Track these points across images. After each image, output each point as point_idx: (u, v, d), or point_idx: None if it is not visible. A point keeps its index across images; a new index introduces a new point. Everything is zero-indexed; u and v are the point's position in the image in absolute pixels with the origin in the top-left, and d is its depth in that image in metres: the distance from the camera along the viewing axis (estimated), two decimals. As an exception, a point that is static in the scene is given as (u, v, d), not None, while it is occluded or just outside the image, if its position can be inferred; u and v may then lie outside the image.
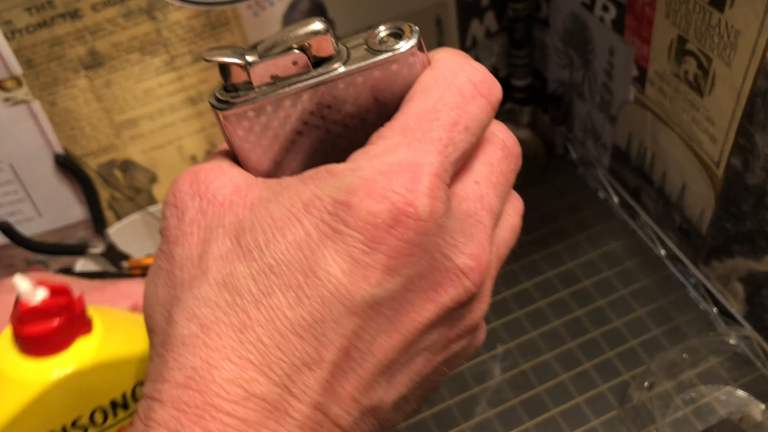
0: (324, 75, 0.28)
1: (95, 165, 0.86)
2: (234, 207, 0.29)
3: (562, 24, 0.90)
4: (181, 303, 0.28)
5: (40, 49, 0.75)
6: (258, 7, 0.82)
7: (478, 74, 0.30)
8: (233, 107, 0.29)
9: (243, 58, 0.28)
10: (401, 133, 0.29)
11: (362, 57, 0.29)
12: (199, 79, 0.84)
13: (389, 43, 0.29)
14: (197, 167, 0.31)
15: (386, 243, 0.27)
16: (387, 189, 0.27)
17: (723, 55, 0.65)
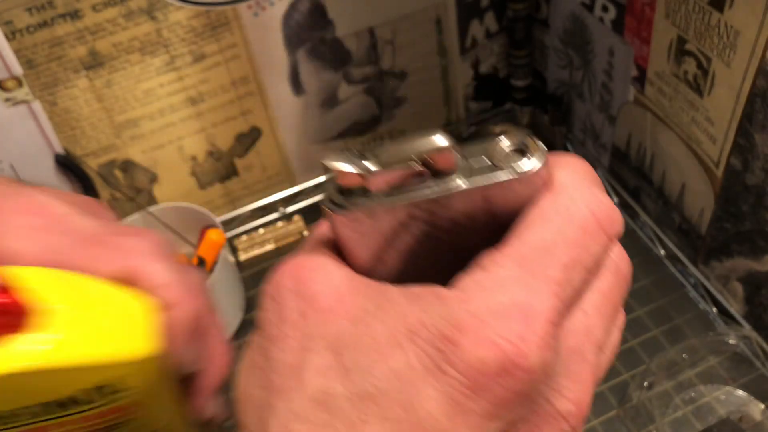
0: (444, 190, 0.28)
1: (95, 165, 0.86)
2: (336, 317, 0.28)
3: (562, 24, 0.90)
4: (275, 413, 0.27)
5: (40, 50, 0.75)
6: (258, 8, 0.82)
7: (602, 207, 0.29)
8: (347, 212, 0.28)
9: (363, 166, 0.27)
10: (517, 264, 0.27)
11: (484, 172, 0.28)
12: (200, 80, 0.84)
13: (513, 159, 0.28)
14: (301, 261, 0.30)
15: (492, 391, 0.26)
16: (498, 335, 0.26)
17: (722, 55, 0.65)
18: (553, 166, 0.29)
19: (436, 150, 0.27)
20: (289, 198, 1.00)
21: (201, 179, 0.93)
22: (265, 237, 0.97)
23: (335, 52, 0.89)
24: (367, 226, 0.29)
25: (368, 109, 0.97)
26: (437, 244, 0.30)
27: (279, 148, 0.95)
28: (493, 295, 0.26)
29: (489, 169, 0.28)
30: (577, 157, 0.30)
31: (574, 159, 0.30)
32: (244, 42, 0.83)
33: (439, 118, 1.03)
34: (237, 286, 0.89)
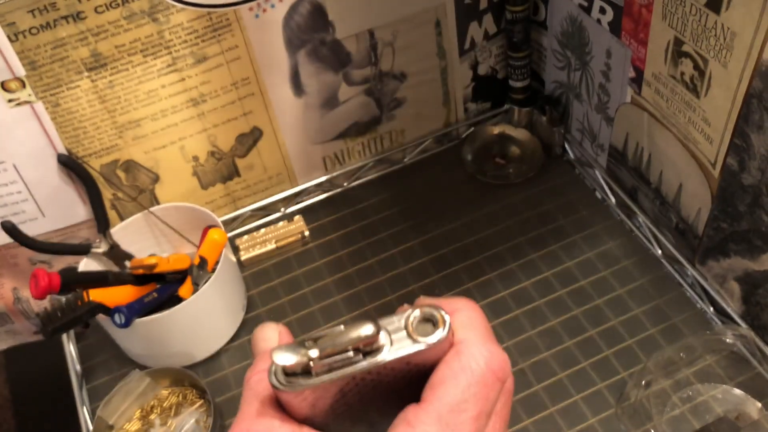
0: (373, 363, 0.33)
1: (98, 165, 0.86)
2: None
3: (560, 26, 0.91)
4: None
5: (43, 51, 0.76)
6: (259, 10, 0.82)
7: (495, 359, 0.35)
8: (293, 390, 0.34)
9: (306, 356, 0.33)
10: (438, 421, 0.33)
11: (403, 344, 0.34)
12: (201, 81, 0.85)
13: (425, 329, 0.34)
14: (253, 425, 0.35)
15: None
16: None
17: (719, 56, 0.66)
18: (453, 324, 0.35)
19: (366, 338, 0.33)
20: (289, 198, 1.01)
21: (203, 179, 0.94)
22: (266, 236, 0.97)
23: (335, 53, 0.90)
24: (305, 396, 0.34)
25: (368, 110, 0.98)
26: (365, 393, 0.36)
27: (280, 149, 0.95)
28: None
29: (406, 341, 0.34)
30: (470, 307, 0.37)
31: (469, 310, 0.37)
32: (245, 43, 0.84)
33: (438, 118, 1.04)
34: (238, 285, 0.90)
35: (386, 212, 0.98)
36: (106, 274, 0.83)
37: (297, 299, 0.91)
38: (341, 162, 1.01)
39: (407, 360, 0.34)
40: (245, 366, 0.86)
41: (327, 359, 0.34)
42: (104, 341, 0.89)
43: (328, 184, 1.02)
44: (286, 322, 0.89)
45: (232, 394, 0.84)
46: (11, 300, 0.92)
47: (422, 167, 1.04)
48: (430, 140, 1.04)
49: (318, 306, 0.90)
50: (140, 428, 0.82)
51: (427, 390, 0.34)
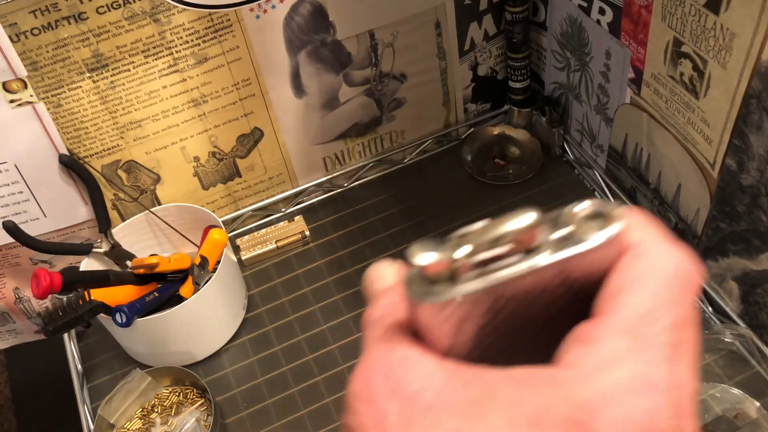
0: (532, 266, 0.27)
1: (99, 166, 0.86)
2: (443, 414, 0.26)
3: (559, 27, 0.91)
4: None
5: (44, 52, 0.76)
6: (260, 10, 0.83)
7: (686, 262, 0.28)
8: (435, 301, 0.27)
9: (449, 254, 0.27)
10: (624, 335, 0.26)
11: (567, 242, 0.27)
12: (202, 81, 0.85)
13: (593, 226, 0.28)
14: (388, 358, 0.28)
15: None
16: (634, 413, 0.25)
17: (718, 57, 0.66)
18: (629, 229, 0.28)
19: (528, 229, 0.27)
20: (290, 198, 1.01)
21: (204, 180, 0.94)
22: (266, 236, 0.97)
23: (336, 54, 0.90)
24: (447, 313, 0.28)
25: (368, 110, 0.98)
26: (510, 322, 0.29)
27: (280, 149, 0.96)
28: (612, 371, 0.26)
29: (570, 239, 0.27)
30: (640, 212, 0.30)
31: (640, 215, 0.30)
32: (246, 44, 0.84)
33: (438, 119, 1.04)
34: (239, 285, 0.90)
35: (386, 212, 0.99)
36: (107, 273, 0.84)
37: (297, 299, 0.91)
38: (341, 162, 1.02)
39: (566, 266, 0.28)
40: (246, 365, 0.86)
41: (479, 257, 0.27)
42: (105, 340, 0.89)
43: (329, 184, 1.02)
44: (286, 321, 0.89)
45: (232, 393, 0.84)
46: (13, 299, 0.92)
47: (422, 168, 1.04)
48: (430, 141, 1.05)
49: (318, 305, 0.90)
50: (141, 427, 0.82)
51: (600, 303, 0.28)
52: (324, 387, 0.83)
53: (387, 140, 1.02)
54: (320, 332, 0.88)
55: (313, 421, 0.81)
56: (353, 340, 0.86)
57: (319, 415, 0.81)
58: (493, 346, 0.30)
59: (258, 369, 0.86)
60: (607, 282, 0.28)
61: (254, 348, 0.88)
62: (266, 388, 0.84)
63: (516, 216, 0.27)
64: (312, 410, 0.81)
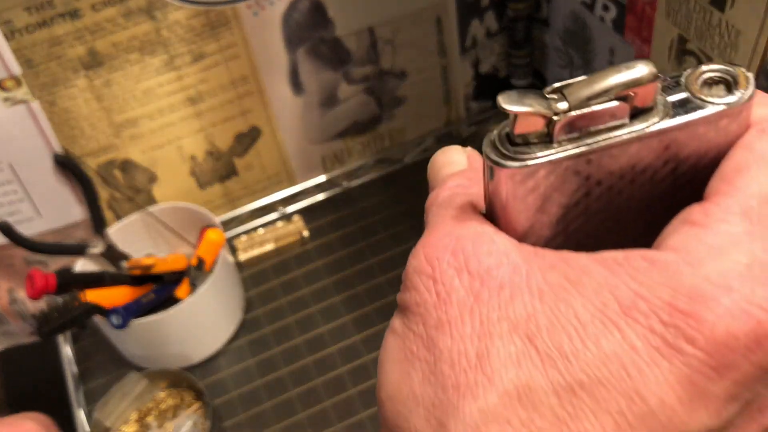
0: (641, 131, 0.23)
1: (95, 165, 0.86)
2: (518, 294, 0.24)
3: (563, 24, 0.90)
4: (459, 414, 0.23)
5: (39, 49, 0.75)
6: (258, 7, 0.82)
7: None
8: (524, 165, 0.23)
9: (550, 107, 0.23)
10: (744, 217, 0.23)
11: (685, 107, 0.24)
12: (199, 79, 0.84)
13: (716, 91, 0.24)
14: (457, 231, 0.25)
15: (739, 368, 0.22)
16: (750, 303, 0.22)
17: (723, 54, 0.65)
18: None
19: (642, 82, 0.23)
20: (288, 198, 1.00)
21: (200, 179, 0.93)
22: (264, 237, 0.97)
23: (335, 51, 0.89)
24: (536, 183, 0.24)
25: (368, 108, 0.97)
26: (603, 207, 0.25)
27: (278, 148, 0.95)
28: (728, 255, 0.23)
29: (690, 104, 0.24)
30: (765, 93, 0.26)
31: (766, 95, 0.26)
32: (243, 41, 0.83)
33: (439, 117, 1.03)
34: (236, 286, 0.89)
35: (386, 212, 0.98)
36: (102, 274, 0.83)
37: (296, 300, 0.90)
38: (341, 162, 1.01)
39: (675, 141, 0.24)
40: (244, 367, 0.85)
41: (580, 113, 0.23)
42: (101, 342, 0.89)
43: (328, 184, 1.01)
44: (285, 323, 0.88)
45: (230, 396, 0.83)
46: (7, 301, 0.91)
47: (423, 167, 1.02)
48: (430, 139, 1.04)
49: (317, 307, 0.89)
50: (137, 430, 0.81)
51: (715, 183, 0.24)
52: (323, 390, 0.82)
53: (387, 139, 1.01)
54: (319, 334, 0.87)
55: (311, 425, 0.80)
56: (353, 342, 0.85)
57: (317, 419, 0.80)
58: (579, 234, 0.26)
59: (256, 371, 0.85)
60: (726, 160, 0.24)
61: (252, 350, 0.87)
62: (264, 391, 0.83)
63: (626, 67, 0.23)
64: (311, 413, 0.80)
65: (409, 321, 0.25)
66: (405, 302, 0.26)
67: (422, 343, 0.25)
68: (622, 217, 0.26)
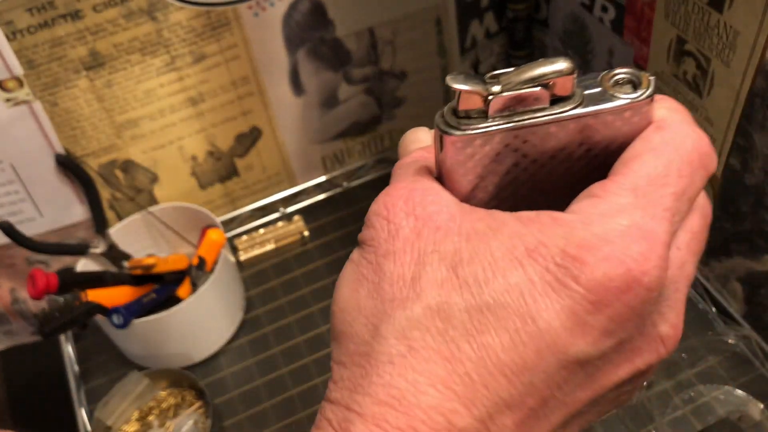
0: (560, 114, 0.29)
1: (96, 165, 0.86)
2: (450, 234, 0.29)
3: (562, 24, 0.90)
4: (391, 320, 0.29)
5: (41, 50, 0.75)
6: (258, 8, 0.82)
7: (704, 144, 0.30)
8: (464, 134, 0.29)
9: (486, 88, 0.28)
10: (632, 192, 0.28)
11: (597, 99, 0.29)
12: (200, 80, 0.84)
13: (624, 89, 0.29)
14: (411, 185, 0.31)
15: (612, 307, 0.27)
16: (625, 254, 0.27)
17: (722, 55, 0.65)
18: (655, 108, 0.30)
19: (561, 73, 0.28)
20: (289, 198, 1.00)
21: (201, 179, 0.93)
22: (265, 237, 0.97)
23: (335, 52, 0.89)
24: (478, 156, 0.29)
25: (368, 109, 0.97)
26: (529, 178, 0.31)
27: (279, 148, 0.95)
28: (614, 218, 0.28)
29: (601, 97, 0.29)
30: (672, 99, 0.32)
31: (669, 98, 0.31)
32: (244, 42, 0.83)
33: (438, 118, 1.03)
34: (237, 285, 0.90)
35: (386, 212, 0.98)
36: (103, 274, 0.83)
37: (296, 300, 0.90)
38: (341, 162, 1.01)
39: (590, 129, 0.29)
40: (244, 367, 0.85)
41: (510, 95, 0.28)
42: (102, 342, 0.89)
43: (328, 184, 1.02)
44: (285, 323, 0.88)
45: (230, 395, 0.83)
46: (8, 300, 0.91)
47: (422, 167, 1.03)
48: (430, 140, 1.04)
49: (317, 307, 0.89)
50: (138, 430, 0.81)
51: (617, 166, 0.30)
52: (323, 389, 0.82)
53: (387, 139, 1.02)
54: (319, 334, 0.87)
55: (311, 424, 0.80)
56: (352, 341, 0.85)
57: (317, 418, 0.80)
58: (510, 199, 0.32)
59: (256, 371, 0.85)
60: (627, 149, 0.30)
61: (252, 350, 0.87)
62: (264, 391, 0.83)
63: (550, 61, 0.28)
64: (311, 413, 0.81)
65: (364, 252, 0.31)
66: (363, 238, 0.31)
67: (372, 268, 0.30)
68: (545, 187, 0.31)
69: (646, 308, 0.28)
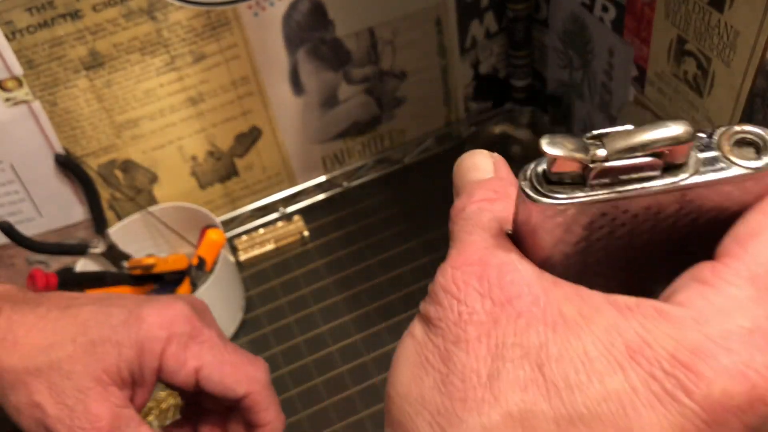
0: (671, 184, 0.24)
1: (96, 165, 0.86)
2: (534, 323, 0.25)
3: (562, 24, 0.90)
4: (462, 426, 0.24)
5: (40, 50, 0.75)
6: (258, 8, 0.82)
7: None
8: (557, 203, 0.25)
9: (587, 153, 0.24)
10: (752, 283, 0.24)
11: (714, 165, 0.25)
12: (200, 80, 0.84)
13: (745, 152, 0.25)
14: (485, 259, 0.26)
15: (730, 427, 0.23)
16: (748, 367, 0.23)
17: (722, 55, 0.65)
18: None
19: (679, 141, 0.24)
20: (289, 198, 1.00)
21: (201, 179, 0.93)
22: (265, 237, 0.97)
23: (335, 52, 0.89)
24: (565, 219, 0.25)
25: (368, 109, 0.97)
26: (621, 246, 0.27)
27: (279, 148, 0.95)
28: (731, 318, 0.24)
29: (719, 162, 0.25)
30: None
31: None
32: (244, 42, 0.83)
33: (439, 118, 1.03)
34: (237, 286, 0.89)
35: (386, 212, 0.98)
36: (103, 274, 0.83)
37: (296, 300, 0.90)
38: (341, 162, 1.01)
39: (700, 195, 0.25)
40: (244, 367, 0.85)
41: (615, 164, 0.24)
42: (102, 342, 0.88)
43: (328, 184, 1.01)
44: (285, 323, 0.88)
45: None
46: (8, 300, 0.91)
47: (423, 167, 1.03)
48: (430, 140, 1.04)
49: (317, 307, 0.89)
50: (138, 430, 0.81)
51: (728, 244, 0.25)
52: (323, 389, 0.82)
53: (387, 139, 1.02)
54: (319, 334, 0.87)
55: (311, 424, 0.80)
56: (353, 342, 0.85)
57: (317, 418, 0.80)
58: (597, 266, 0.28)
59: (256, 371, 0.85)
60: (741, 222, 0.25)
61: (252, 350, 0.87)
62: (264, 390, 0.83)
63: (665, 125, 0.24)
64: (311, 413, 0.80)
65: (430, 331, 0.26)
66: (428, 314, 0.27)
67: (439, 354, 0.26)
68: (639, 255, 0.27)
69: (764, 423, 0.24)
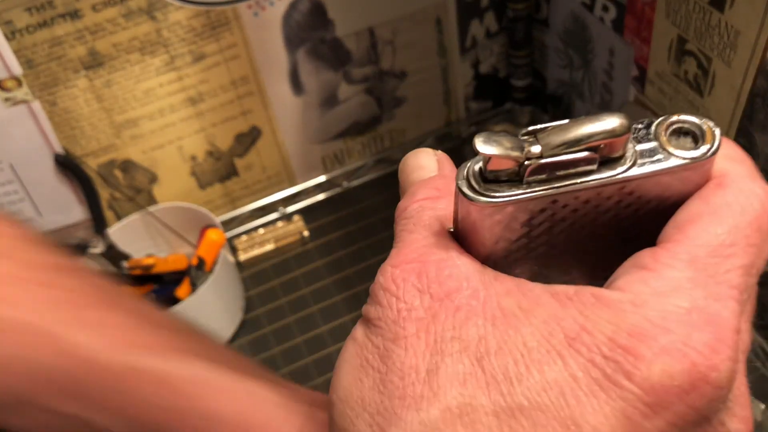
0: (608, 178, 0.24)
1: (95, 165, 0.86)
2: (473, 316, 0.24)
3: (562, 24, 0.90)
4: (399, 423, 0.24)
5: (40, 49, 0.75)
6: (258, 7, 0.82)
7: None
8: (494, 201, 0.24)
9: (522, 151, 0.24)
10: (690, 265, 0.24)
11: (651, 156, 0.24)
12: (199, 80, 0.84)
13: (683, 142, 0.25)
14: (424, 256, 0.26)
15: (673, 409, 0.23)
16: (687, 345, 0.23)
17: (723, 55, 0.65)
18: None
19: (614, 135, 0.23)
20: (288, 198, 1.00)
21: (201, 179, 0.93)
22: (264, 237, 0.97)
23: (335, 51, 0.89)
24: (503, 217, 0.25)
25: (368, 108, 0.97)
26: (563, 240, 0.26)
27: (279, 148, 0.95)
28: (670, 299, 0.23)
29: (657, 153, 0.24)
30: (733, 144, 0.27)
31: (734, 146, 0.27)
32: (243, 42, 0.83)
33: (439, 117, 1.03)
34: (237, 286, 0.89)
35: (386, 212, 0.98)
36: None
37: (296, 300, 0.90)
38: (341, 162, 1.01)
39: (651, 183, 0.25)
40: (244, 367, 0.85)
41: (550, 160, 0.24)
42: (102, 342, 0.88)
43: (328, 184, 1.01)
44: (285, 323, 0.88)
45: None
46: (8, 300, 0.91)
47: (423, 167, 1.03)
48: (430, 140, 1.04)
49: (317, 307, 0.89)
50: (138, 430, 0.81)
51: (669, 231, 0.25)
52: (323, 390, 0.82)
53: (387, 139, 1.02)
54: (319, 334, 0.87)
55: (311, 424, 0.80)
56: (352, 341, 0.85)
57: (317, 418, 0.80)
58: (539, 260, 0.27)
59: (256, 371, 0.85)
60: (682, 209, 0.25)
61: (252, 350, 0.87)
62: (264, 391, 0.83)
63: (600, 119, 0.23)
64: (310, 413, 0.80)
65: (370, 332, 0.26)
66: (369, 314, 0.26)
67: (378, 354, 0.25)
68: (581, 249, 0.27)
69: (713, 408, 0.23)
